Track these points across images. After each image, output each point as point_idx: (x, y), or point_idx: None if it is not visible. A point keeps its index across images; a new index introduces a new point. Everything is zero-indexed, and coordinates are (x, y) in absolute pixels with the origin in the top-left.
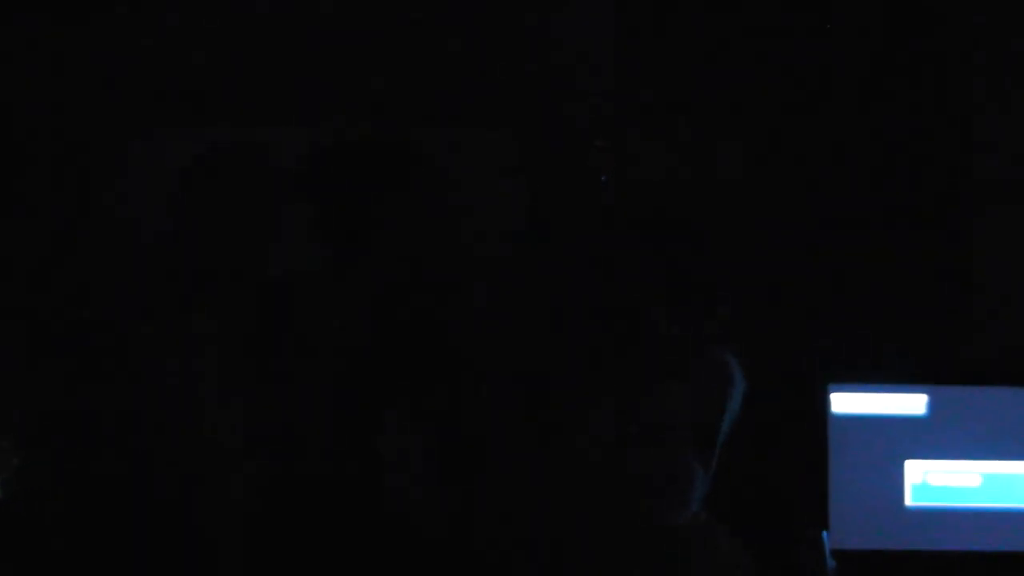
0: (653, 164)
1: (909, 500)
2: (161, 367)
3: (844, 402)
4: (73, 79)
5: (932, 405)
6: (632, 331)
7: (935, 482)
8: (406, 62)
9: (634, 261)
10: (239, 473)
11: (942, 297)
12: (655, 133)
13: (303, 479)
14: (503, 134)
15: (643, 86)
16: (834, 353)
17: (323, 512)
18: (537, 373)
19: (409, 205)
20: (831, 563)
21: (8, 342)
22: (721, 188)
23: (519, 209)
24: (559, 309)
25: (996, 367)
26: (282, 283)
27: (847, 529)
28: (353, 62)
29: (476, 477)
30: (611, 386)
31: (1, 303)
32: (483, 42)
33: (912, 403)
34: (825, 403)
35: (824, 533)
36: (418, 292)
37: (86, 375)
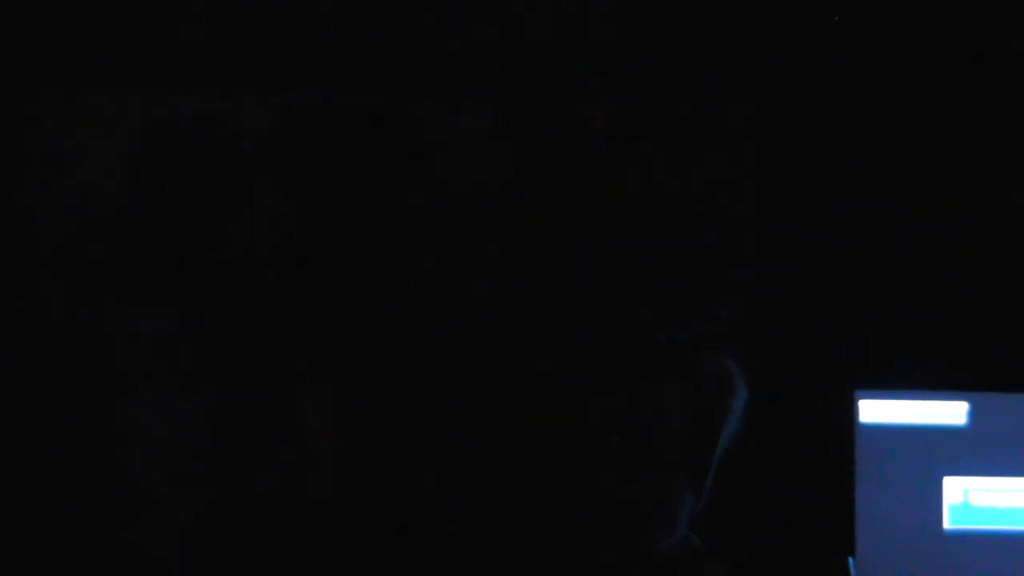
0: (662, 158)
1: (947, 523)
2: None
3: (874, 410)
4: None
5: (974, 414)
6: (622, 333)
7: (977, 502)
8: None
9: (629, 257)
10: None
11: (986, 293)
12: (661, 129)
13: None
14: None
15: (644, 78)
16: (863, 355)
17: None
18: (523, 375)
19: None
20: None
21: None
22: (743, 184)
23: (511, 200)
24: (545, 307)
25: None
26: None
27: (876, 555)
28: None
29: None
30: (597, 391)
31: None
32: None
33: (951, 411)
34: (852, 411)
35: (850, 560)
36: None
37: (33, 370)
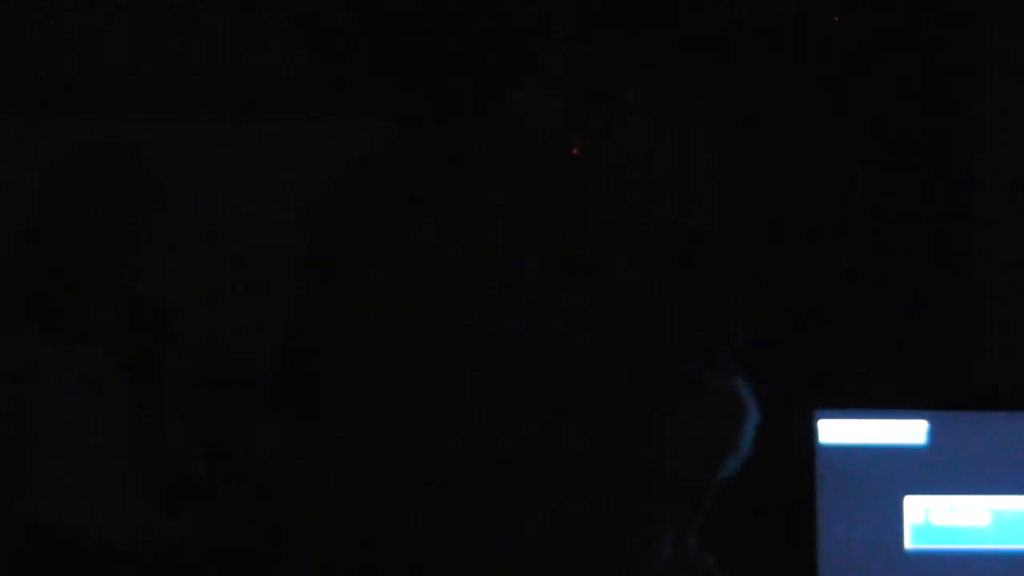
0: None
1: (909, 542)
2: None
3: (833, 430)
4: None
5: (934, 433)
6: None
7: (938, 521)
8: None
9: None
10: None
11: (945, 312)
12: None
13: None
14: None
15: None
16: (821, 375)
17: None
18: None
19: None
20: None
21: None
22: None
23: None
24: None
25: (1005, 389)
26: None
27: None
28: None
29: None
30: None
31: None
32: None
33: (911, 431)
34: (812, 432)
35: None
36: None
37: None
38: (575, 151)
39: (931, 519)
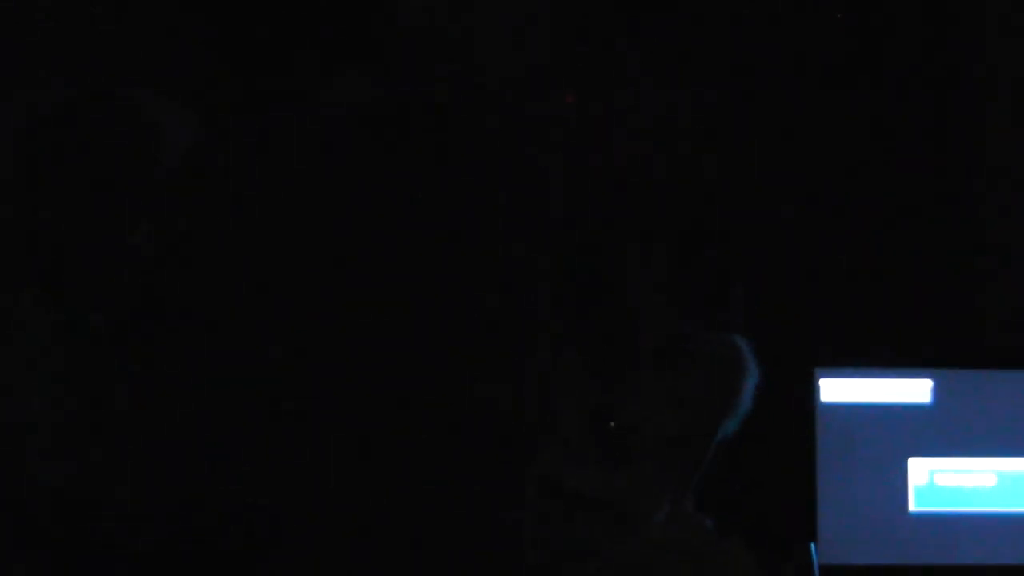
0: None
1: (913, 505)
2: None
3: (835, 389)
4: None
5: (938, 392)
6: (608, 314)
7: (943, 483)
8: None
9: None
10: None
11: (949, 268)
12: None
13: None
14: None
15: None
16: (823, 331)
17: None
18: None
19: None
20: None
21: None
22: (704, 166)
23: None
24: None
25: (1011, 347)
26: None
27: (839, 540)
28: None
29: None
30: (575, 380)
31: None
32: None
33: (915, 390)
34: (813, 391)
35: (812, 545)
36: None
37: None
38: (569, 99)
39: (936, 481)
